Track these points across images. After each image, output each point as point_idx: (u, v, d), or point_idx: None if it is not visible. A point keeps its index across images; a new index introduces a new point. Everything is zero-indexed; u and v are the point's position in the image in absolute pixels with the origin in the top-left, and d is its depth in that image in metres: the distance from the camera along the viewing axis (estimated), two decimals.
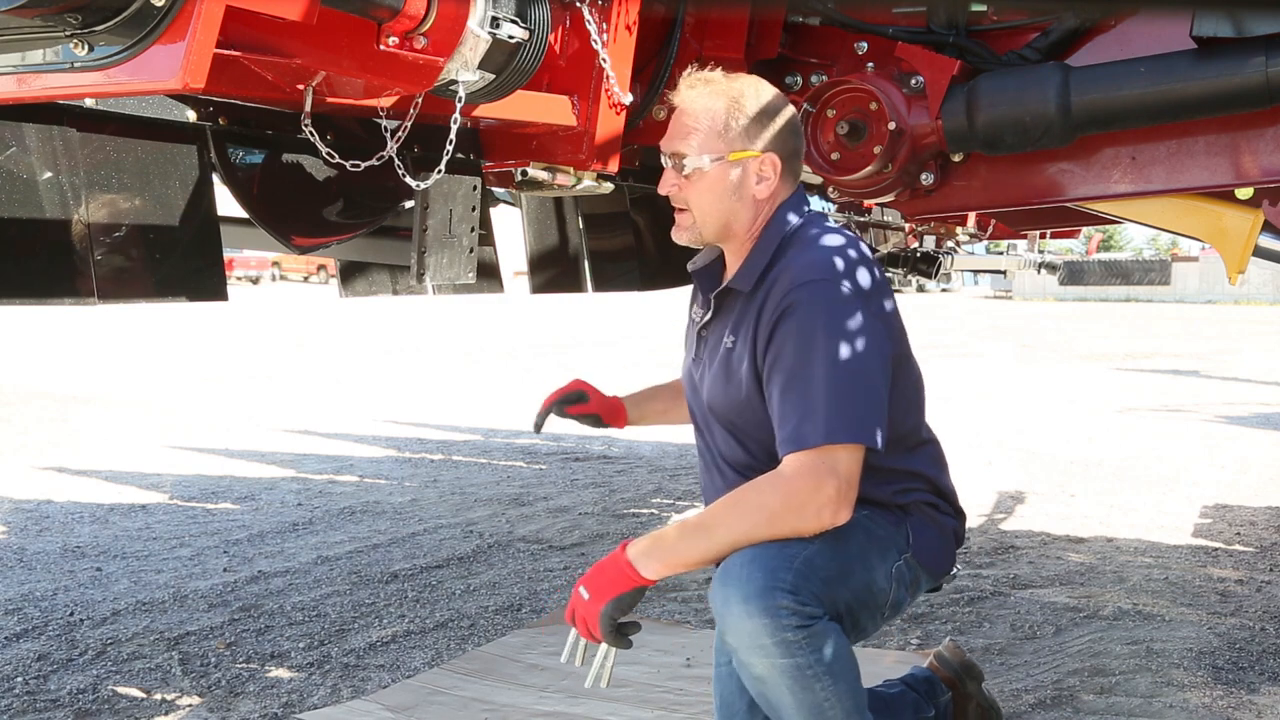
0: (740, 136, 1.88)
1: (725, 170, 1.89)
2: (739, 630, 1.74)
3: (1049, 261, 8.64)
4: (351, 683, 2.94)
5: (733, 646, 1.77)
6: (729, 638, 1.77)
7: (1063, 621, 3.40)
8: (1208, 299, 28.38)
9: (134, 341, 14.01)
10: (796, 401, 1.76)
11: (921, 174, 2.56)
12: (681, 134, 1.90)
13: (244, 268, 33.46)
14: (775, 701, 1.79)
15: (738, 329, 1.91)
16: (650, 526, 4.69)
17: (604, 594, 1.79)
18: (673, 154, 1.91)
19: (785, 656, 1.73)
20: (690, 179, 1.90)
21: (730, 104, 1.88)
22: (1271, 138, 2.35)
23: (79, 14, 1.36)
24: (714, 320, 1.99)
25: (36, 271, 2.00)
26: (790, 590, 1.72)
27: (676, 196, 1.93)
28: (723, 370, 1.93)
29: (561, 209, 3.70)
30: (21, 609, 3.55)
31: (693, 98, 1.90)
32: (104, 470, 6.00)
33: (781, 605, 1.71)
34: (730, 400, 1.93)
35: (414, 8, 1.62)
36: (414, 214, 2.25)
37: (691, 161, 1.89)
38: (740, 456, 1.97)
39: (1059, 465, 6.27)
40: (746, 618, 1.72)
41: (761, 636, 1.72)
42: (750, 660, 1.76)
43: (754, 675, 1.78)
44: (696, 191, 1.91)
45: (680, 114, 1.91)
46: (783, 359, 1.80)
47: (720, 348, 1.95)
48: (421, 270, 2.23)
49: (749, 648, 1.74)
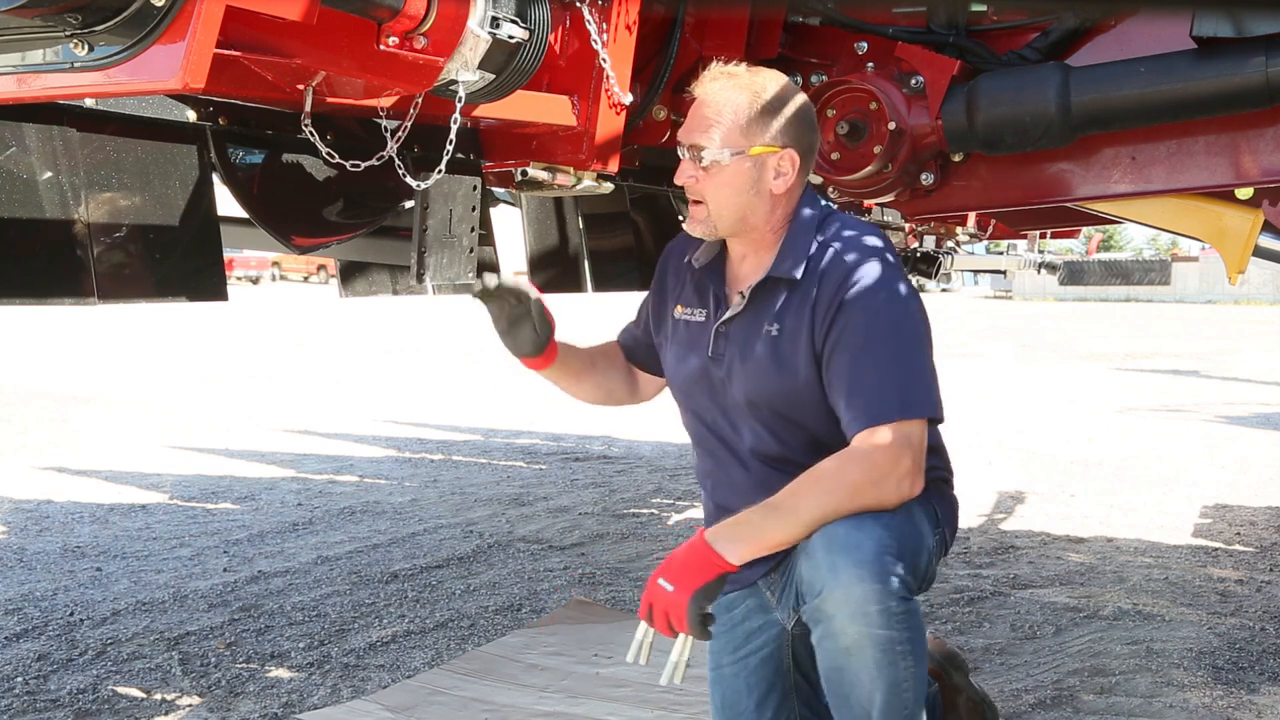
0: (761, 131, 1.88)
1: (745, 165, 1.88)
2: (847, 596, 1.73)
3: (1049, 261, 8.65)
4: (351, 683, 2.94)
5: (829, 614, 1.76)
6: (828, 604, 1.75)
7: (1063, 621, 3.40)
8: (1208, 299, 28.39)
9: (134, 341, 14.01)
10: (868, 378, 1.81)
11: (921, 174, 2.56)
12: (702, 126, 1.89)
13: (244, 268, 33.43)
14: (854, 676, 1.77)
15: (783, 316, 1.91)
16: (650, 526, 4.69)
17: (690, 584, 1.76)
18: (691, 146, 1.90)
19: (884, 628, 1.74)
20: (708, 172, 1.89)
21: (752, 98, 1.88)
22: (1271, 138, 2.35)
23: (79, 14, 1.36)
24: (745, 313, 1.96)
25: (36, 271, 2.00)
26: (897, 561, 1.76)
27: (693, 189, 1.92)
28: (770, 359, 1.92)
29: (561, 209, 3.70)
30: (21, 609, 3.55)
31: (715, 90, 1.89)
32: (104, 470, 6.00)
33: (892, 574, 1.74)
34: (782, 387, 1.91)
35: (414, 8, 1.62)
36: (414, 214, 2.25)
37: (711, 154, 1.88)
38: (774, 448, 1.96)
39: (1059, 465, 6.27)
40: (858, 582, 1.72)
41: (869, 603, 1.73)
42: (846, 629, 1.75)
43: (842, 646, 1.76)
44: (714, 185, 1.90)
45: (701, 105, 1.90)
46: (848, 338, 1.83)
47: (759, 338, 1.93)
48: (421, 270, 2.23)
49: (851, 615, 1.74)
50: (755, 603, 2.07)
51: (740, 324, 1.97)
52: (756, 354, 1.94)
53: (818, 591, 1.77)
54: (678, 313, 2.08)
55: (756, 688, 2.08)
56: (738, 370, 1.96)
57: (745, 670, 2.09)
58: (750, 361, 1.95)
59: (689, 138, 1.90)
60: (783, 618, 2.04)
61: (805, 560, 1.80)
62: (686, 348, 2.06)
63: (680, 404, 2.12)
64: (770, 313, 1.94)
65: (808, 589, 1.80)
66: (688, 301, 2.07)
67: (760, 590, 2.06)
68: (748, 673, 2.09)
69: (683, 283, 2.09)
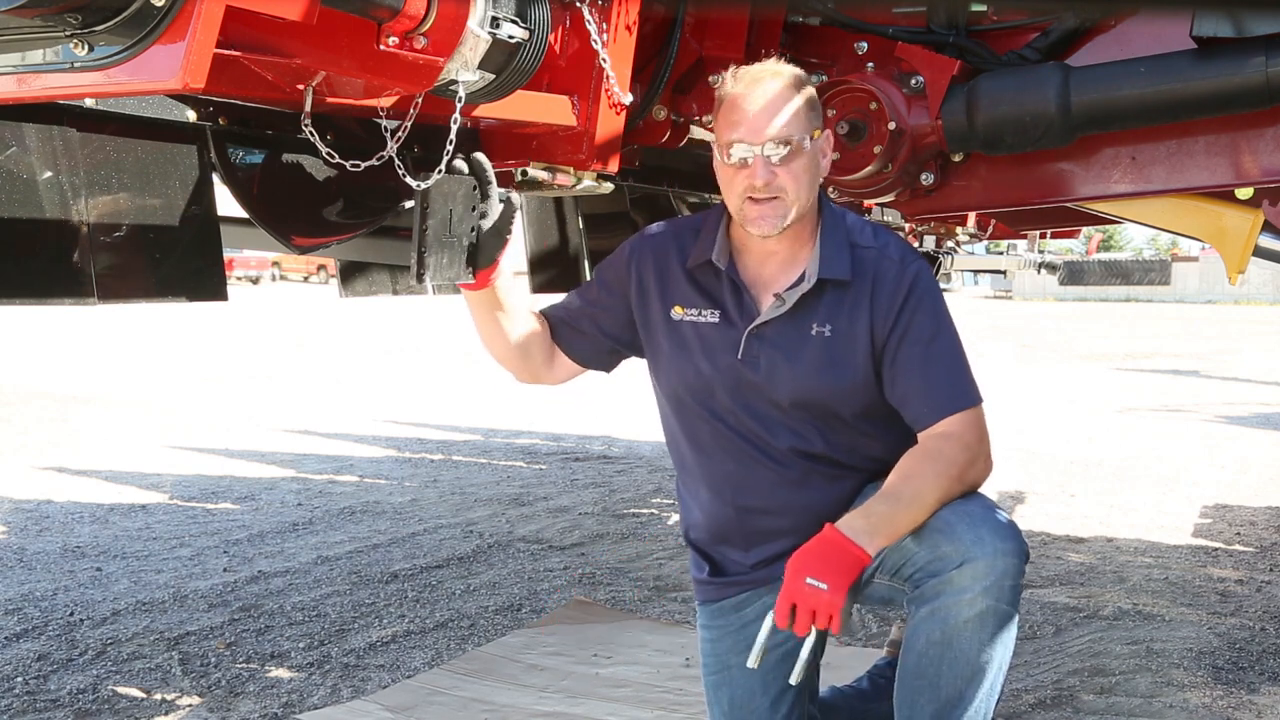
0: (814, 115, 1.94)
1: (814, 148, 1.93)
2: (989, 568, 1.77)
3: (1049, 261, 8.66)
4: (351, 683, 2.94)
5: (962, 586, 1.78)
6: (964, 575, 1.78)
7: (1063, 621, 3.40)
8: (1208, 299, 28.39)
9: (134, 341, 14.01)
10: (943, 370, 1.93)
11: (921, 174, 2.56)
12: (770, 120, 1.87)
13: (244, 268, 33.43)
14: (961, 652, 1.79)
15: (834, 317, 1.94)
16: (650, 526, 4.69)
17: (844, 581, 1.76)
18: (771, 140, 1.87)
19: (1009, 604, 1.80)
20: (787, 162, 1.88)
21: (797, 85, 1.92)
22: (1271, 138, 2.35)
23: (79, 14, 1.36)
24: (785, 316, 1.96)
25: (36, 271, 2.00)
26: (1027, 544, 1.85)
27: (771, 185, 1.89)
28: (824, 360, 1.94)
29: (561, 209, 3.70)
30: (21, 609, 3.55)
31: (761, 86, 1.90)
32: (104, 470, 6.00)
33: (1025, 553, 1.83)
34: (839, 386, 1.95)
35: (414, 8, 1.62)
36: (414, 214, 2.25)
37: (791, 145, 1.87)
38: (818, 446, 1.98)
39: (1059, 465, 6.27)
40: (1003, 555, 1.78)
41: (1007, 578, 1.78)
42: (977, 601, 1.77)
43: (964, 619, 1.78)
44: (794, 173, 1.89)
45: (751, 104, 1.89)
46: (916, 334, 1.93)
47: (808, 340, 1.95)
48: (421, 270, 2.22)
49: (987, 587, 1.77)
50: (774, 600, 2.07)
51: (779, 327, 1.96)
52: (808, 356, 1.94)
53: (956, 564, 1.79)
54: (678, 314, 2.04)
55: (774, 685, 2.07)
56: (784, 372, 1.95)
57: (762, 668, 2.08)
58: (800, 364, 1.95)
59: (760, 136, 1.87)
60: None
61: (940, 537, 1.82)
62: (699, 350, 2.02)
63: (682, 406, 2.07)
64: (814, 314, 1.95)
65: (939, 563, 1.81)
66: (690, 302, 2.04)
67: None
68: (764, 670, 2.07)
69: (676, 282, 2.05)
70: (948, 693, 1.81)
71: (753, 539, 2.05)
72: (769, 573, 2.03)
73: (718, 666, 2.12)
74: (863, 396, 1.96)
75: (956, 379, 1.94)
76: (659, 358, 2.08)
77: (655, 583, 3.83)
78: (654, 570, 4.00)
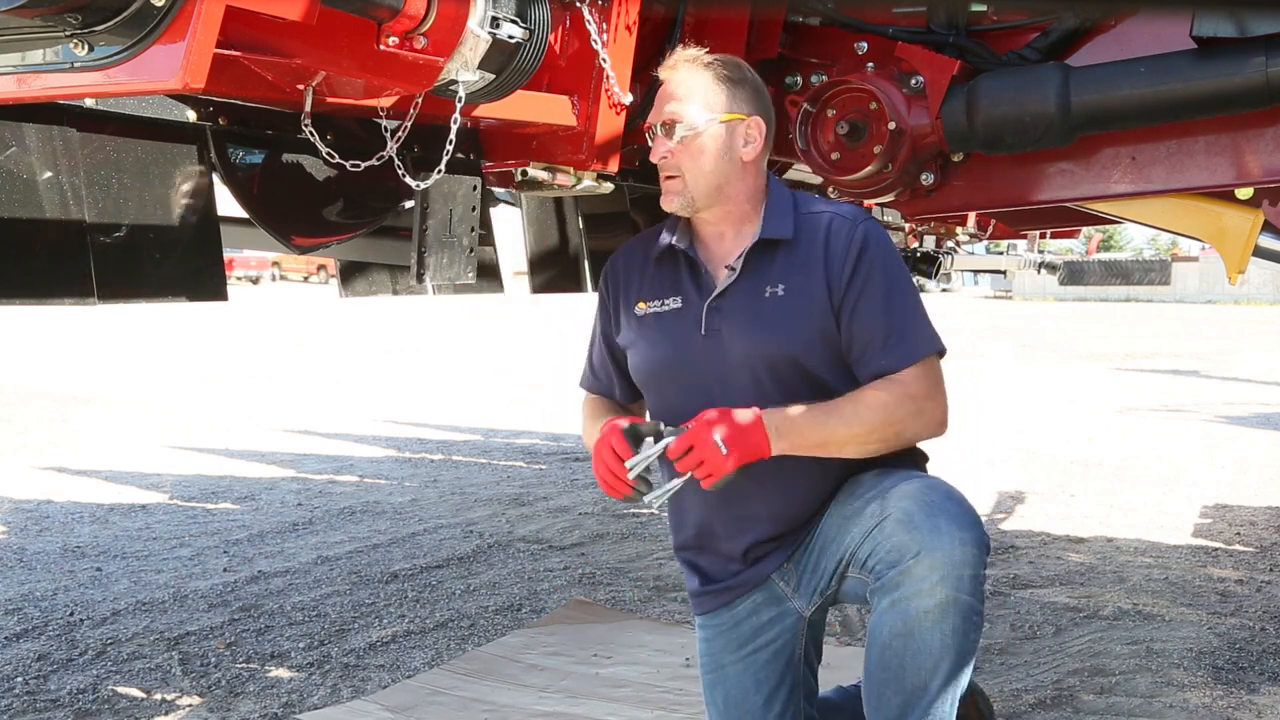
0: (729, 100, 2.00)
1: (717, 131, 1.99)
2: (947, 558, 1.79)
3: (1049, 261, 8.65)
4: (351, 683, 2.94)
5: (920, 576, 1.80)
6: (922, 566, 1.79)
7: (1063, 621, 3.40)
8: (1208, 299, 28.38)
9: (134, 341, 14.01)
10: (898, 322, 1.95)
11: (921, 174, 2.56)
12: (669, 101, 2.00)
13: (244, 268, 33.42)
14: (924, 643, 1.80)
15: (787, 276, 1.98)
16: (650, 526, 4.69)
17: (742, 457, 1.85)
18: (665, 121, 1.99)
19: (970, 595, 1.80)
20: (684, 143, 1.98)
21: (717, 70, 2.01)
22: (1271, 138, 2.35)
23: (79, 14, 1.36)
24: (737, 284, 2.00)
25: (36, 271, 2.00)
26: (987, 535, 1.86)
27: (668, 163, 2.00)
28: (779, 317, 1.97)
29: (561, 209, 3.69)
30: (21, 609, 3.55)
31: (680, 69, 2.01)
32: (104, 470, 6.00)
33: (985, 543, 1.84)
34: (796, 341, 1.97)
35: (414, 8, 1.62)
36: (414, 214, 2.25)
37: (685, 126, 1.98)
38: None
39: (1059, 465, 6.27)
40: (960, 545, 1.80)
41: (965, 567, 1.79)
42: (936, 591, 1.79)
43: (923, 609, 1.80)
44: (690, 154, 1.99)
45: (669, 84, 2.02)
46: (871, 287, 1.95)
47: (762, 301, 1.98)
48: (421, 270, 2.22)
49: (945, 577, 1.79)
50: (763, 597, 2.08)
51: (734, 295, 2.01)
52: (763, 316, 1.98)
53: (913, 554, 1.81)
54: (641, 309, 2.09)
55: (766, 683, 2.08)
56: (741, 338, 1.98)
57: (754, 666, 2.09)
58: (757, 325, 1.98)
59: (659, 116, 2.01)
60: (801, 606, 2.06)
61: (897, 527, 1.84)
62: (665, 335, 2.06)
63: (658, 392, 2.11)
64: (767, 278, 1.99)
65: (897, 553, 1.83)
66: (653, 295, 2.09)
67: (772, 584, 2.06)
68: (756, 668, 2.08)
69: (641, 280, 2.10)
70: (912, 684, 1.82)
71: (733, 526, 2.06)
72: (756, 572, 2.06)
73: (712, 666, 2.14)
74: (822, 348, 1.98)
75: (915, 331, 1.97)
76: (632, 354, 2.13)
77: (655, 583, 3.83)
78: (654, 570, 3.99)
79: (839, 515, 1.98)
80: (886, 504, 1.88)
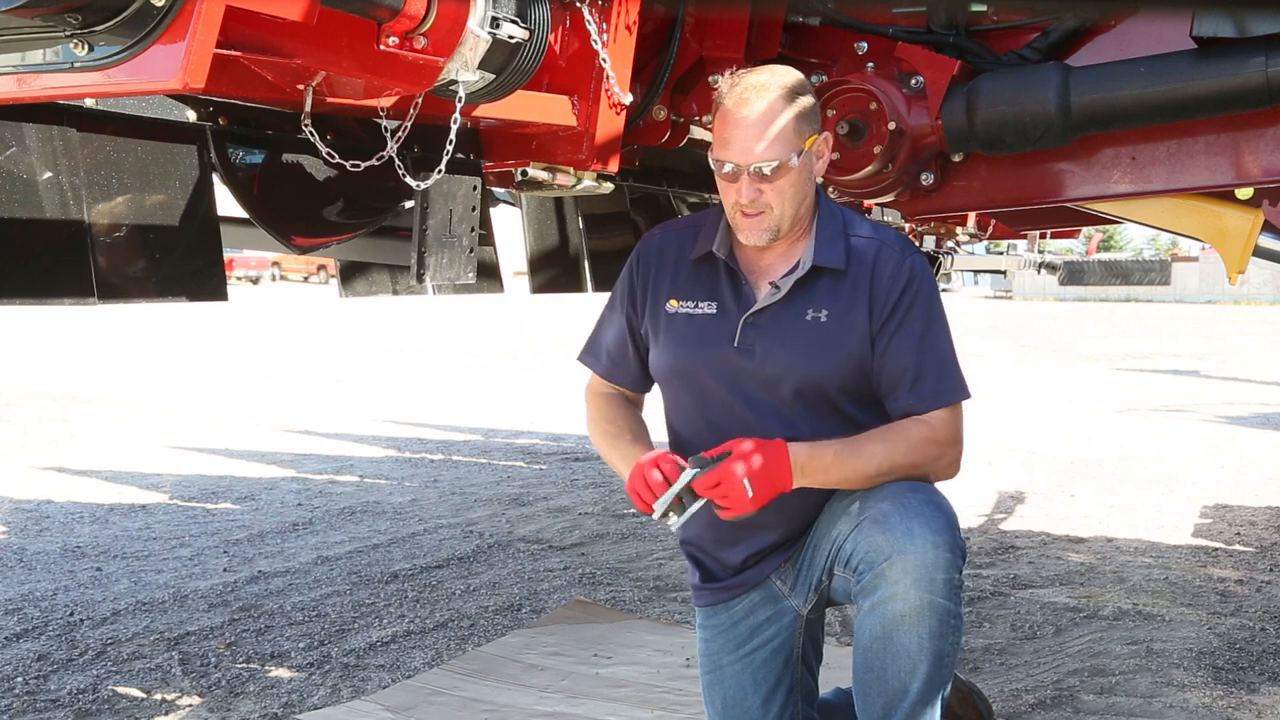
0: (806, 126, 1.94)
1: (804, 162, 1.94)
2: (918, 561, 1.79)
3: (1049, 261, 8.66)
4: (351, 683, 2.94)
5: (894, 579, 1.81)
6: (895, 569, 1.80)
7: (1063, 621, 3.40)
8: (1208, 299, 28.39)
9: (134, 341, 14.01)
10: (932, 362, 1.95)
11: (921, 174, 2.55)
12: (758, 140, 1.89)
13: (244, 268, 33.40)
14: (902, 646, 1.81)
15: (830, 303, 1.96)
16: (650, 526, 4.69)
17: (765, 497, 1.85)
18: (753, 162, 1.89)
19: (945, 598, 1.81)
20: (774, 181, 1.91)
21: (789, 97, 1.92)
22: (1271, 138, 2.35)
23: (79, 14, 1.36)
24: (779, 303, 1.98)
25: (37, 271, 2.00)
26: (963, 539, 1.86)
27: (758, 202, 1.92)
28: (819, 344, 1.95)
29: (561, 209, 3.69)
30: (21, 609, 3.55)
31: (752, 102, 1.90)
32: (104, 470, 6.00)
33: (960, 547, 1.84)
34: (829, 368, 1.95)
35: (414, 8, 1.62)
36: (414, 214, 2.25)
37: (778, 167, 1.90)
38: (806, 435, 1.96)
39: (1059, 465, 6.27)
40: (932, 548, 1.80)
41: (938, 570, 1.80)
42: (909, 594, 1.79)
43: (900, 612, 1.80)
44: (780, 190, 1.92)
45: (742, 120, 1.90)
46: (910, 324, 1.95)
47: (802, 325, 1.96)
48: (421, 270, 2.22)
49: (918, 580, 1.79)
50: (761, 596, 2.08)
51: (774, 314, 1.98)
52: (801, 340, 1.96)
53: (886, 556, 1.81)
54: (672, 306, 2.06)
55: (764, 682, 2.08)
56: (778, 357, 1.97)
57: (751, 666, 2.09)
58: (795, 348, 1.96)
59: (749, 157, 1.89)
60: (798, 604, 2.06)
61: (873, 529, 1.85)
62: (694, 340, 2.03)
63: (676, 395, 2.08)
64: (810, 300, 1.97)
65: (873, 555, 1.84)
66: (687, 294, 2.05)
67: (770, 583, 2.07)
68: (754, 668, 2.09)
69: (674, 278, 2.07)
70: (894, 686, 1.84)
71: (738, 534, 2.06)
72: (755, 573, 2.06)
73: (711, 666, 2.14)
74: (854, 378, 1.97)
75: (944, 374, 1.96)
76: (656, 351, 2.10)
77: (655, 583, 3.83)
78: (654, 570, 4.00)
79: (830, 513, 1.98)
80: (867, 504, 1.89)
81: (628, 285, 2.13)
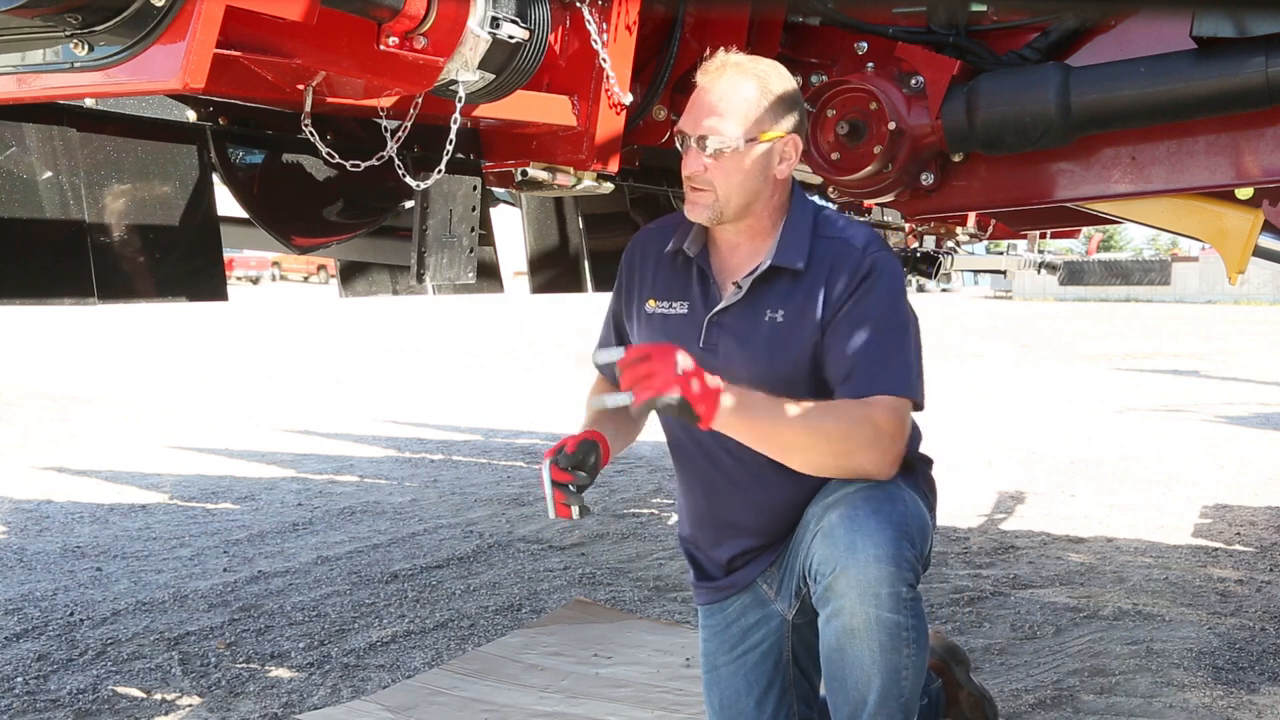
0: (770, 117, 1.91)
1: (756, 152, 1.91)
2: (862, 576, 1.77)
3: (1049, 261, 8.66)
4: (351, 683, 2.94)
5: (840, 593, 1.79)
6: (840, 582, 1.79)
7: (1063, 621, 3.40)
8: (1208, 299, 28.38)
9: (134, 341, 14.01)
10: (880, 352, 1.87)
11: (921, 174, 2.56)
12: (710, 114, 1.90)
13: (244, 268, 33.41)
14: (856, 659, 1.80)
15: (787, 303, 1.94)
16: (650, 526, 4.69)
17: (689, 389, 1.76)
18: (700, 135, 1.90)
19: (892, 611, 1.78)
20: (718, 160, 1.90)
21: (761, 86, 1.91)
22: (1271, 138, 2.35)
23: (79, 14, 1.36)
24: (741, 302, 1.97)
25: (37, 271, 2.00)
26: (913, 549, 1.82)
27: (700, 177, 1.92)
28: (774, 344, 1.94)
29: (561, 209, 3.69)
30: (21, 609, 3.55)
31: (722, 79, 1.91)
32: (104, 470, 6.00)
33: (906, 559, 1.79)
34: (786, 370, 1.93)
35: (414, 8, 1.62)
36: (414, 214, 2.25)
37: (723, 142, 1.89)
38: None
39: (1059, 465, 6.27)
40: (875, 563, 1.77)
41: (882, 585, 1.77)
42: (855, 608, 1.78)
43: (849, 627, 1.79)
44: (725, 172, 1.91)
45: (706, 94, 1.91)
46: (864, 313, 1.89)
47: (761, 325, 1.95)
48: (421, 270, 2.23)
49: (862, 595, 1.77)
50: (751, 599, 2.09)
51: (736, 313, 1.98)
52: (759, 340, 1.95)
53: (832, 569, 1.80)
54: (650, 307, 2.07)
55: (756, 685, 2.09)
56: (737, 357, 1.97)
57: (744, 668, 2.10)
58: (752, 348, 1.96)
59: (697, 128, 1.91)
60: (783, 609, 2.06)
61: (822, 541, 1.83)
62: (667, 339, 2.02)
63: None
64: (770, 300, 1.96)
65: (822, 567, 1.83)
66: (663, 294, 2.06)
67: (757, 586, 2.07)
68: (746, 670, 2.09)
69: (655, 275, 2.08)
70: (854, 695, 1.83)
71: (721, 535, 2.08)
72: (744, 575, 2.08)
73: (709, 667, 2.15)
74: (813, 378, 1.94)
75: (895, 364, 1.88)
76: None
77: (655, 583, 3.83)
78: (654, 570, 3.99)
79: (804, 520, 1.98)
80: (824, 514, 1.87)
81: (618, 283, 2.16)
